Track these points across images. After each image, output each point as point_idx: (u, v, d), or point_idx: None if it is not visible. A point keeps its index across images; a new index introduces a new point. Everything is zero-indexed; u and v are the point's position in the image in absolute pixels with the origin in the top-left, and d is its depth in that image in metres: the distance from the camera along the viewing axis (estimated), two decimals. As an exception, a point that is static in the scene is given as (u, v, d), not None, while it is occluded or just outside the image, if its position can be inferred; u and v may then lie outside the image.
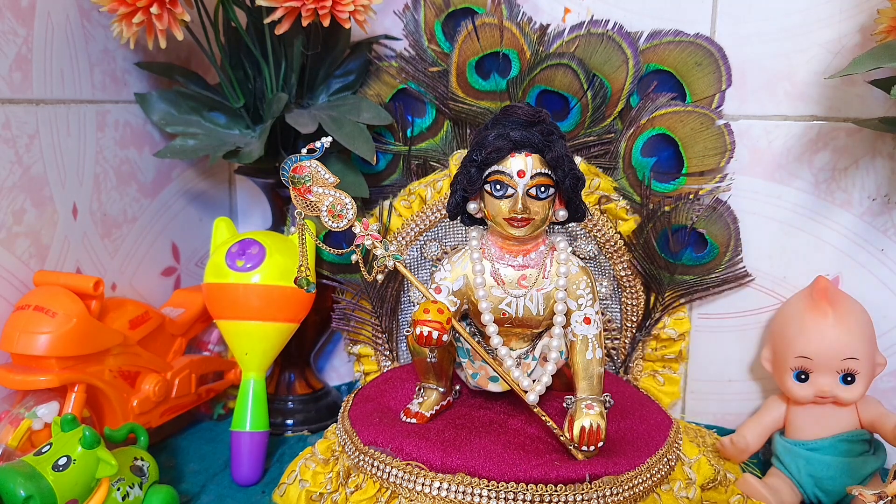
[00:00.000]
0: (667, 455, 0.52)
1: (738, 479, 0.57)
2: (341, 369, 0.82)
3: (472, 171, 0.51)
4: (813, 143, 0.64)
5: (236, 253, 0.62)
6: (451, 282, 0.53)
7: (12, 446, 0.54)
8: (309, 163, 0.49)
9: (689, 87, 0.65)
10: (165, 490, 0.55)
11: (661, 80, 0.65)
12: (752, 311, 0.68)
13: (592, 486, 0.47)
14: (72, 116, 0.65)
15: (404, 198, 0.69)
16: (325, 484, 0.54)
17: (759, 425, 0.61)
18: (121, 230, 0.71)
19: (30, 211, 0.61)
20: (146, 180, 0.74)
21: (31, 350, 0.55)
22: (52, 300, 0.57)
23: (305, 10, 0.59)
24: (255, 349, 0.63)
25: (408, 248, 0.68)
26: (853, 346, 0.56)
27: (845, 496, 0.57)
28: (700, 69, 0.64)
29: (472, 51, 0.65)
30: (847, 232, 0.64)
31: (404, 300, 0.70)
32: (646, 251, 0.66)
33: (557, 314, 0.52)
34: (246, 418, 0.62)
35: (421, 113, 0.70)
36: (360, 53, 0.70)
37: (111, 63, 0.69)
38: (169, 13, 0.59)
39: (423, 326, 0.47)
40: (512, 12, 0.65)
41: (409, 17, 0.68)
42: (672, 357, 0.67)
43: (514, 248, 0.53)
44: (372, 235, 0.50)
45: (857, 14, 0.61)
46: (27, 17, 0.60)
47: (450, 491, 0.48)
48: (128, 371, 0.63)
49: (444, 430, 0.53)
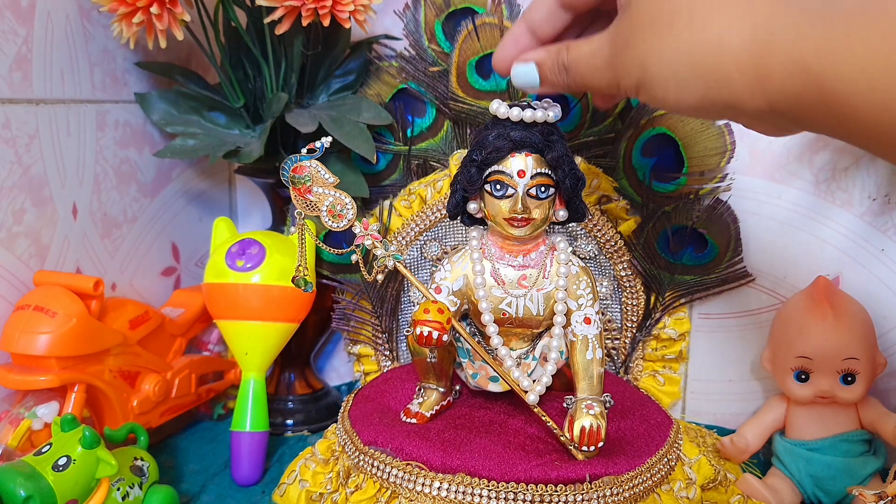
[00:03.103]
0: (667, 455, 0.52)
1: (738, 479, 0.57)
2: (341, 369, 0.82)
3: (472, 171, 0.51)
4: (813, 142, 0.64)
5: (236, 253, 0.63)
6: (451, 282, 0.53)
7: (12, 446, 0.54)
8: (309, 163, 0.49)
9: (689, 86, 0.65)
10: (165, 490, 0.55)
11: (662, 79, 0.65)
12: (752, 311, 0.68)
13: (592, 486, 0.47)
14: (72, 116, 0.65)
15: (404, 198, 0.69)
16: (325, 484, 0.54)
17: (759, 425, 0.61)
18: (121, 230, 0.71)
19: (30, 211, 0.61)
20: (146, 180, 0.74)
21: (31, 350, 0.55)
22: (52, 300, 0.57)
23: (305, 9, 0.59)
24: (255, 349, 0.63)
25: (408, 248, 0.68)
26: (853, 346, 0.56)
27: (845, 496, 0.57)
28: (700, 69, 0.64)
29: (473, 50, 0.65)
30: (847, 232, 0.64)
31: (404, 300, 0.70)
32: (646, 251, 0.66)
33: (557, 314, 0.52)
34: (246, 418, 0.62)
35: (421, 113, 0.70)
36: (360, 53, 0.70)
37: (111, 63, 0.69)
38: (169, 13, 0.59)
39: (423, 326, 0.47)
40: (512, 12, 0.65)
41: (409, 16, 0.68)
42: (672, 357, 0.67)
43: (514, 248, 0.53)
44: (372, 235, 0.50)
45: (858, 14, 0.61)
46: (27, 17, 0.60)
47: (450, 491, 0.48)
48: (128, 371, 0.63)
49: (445, 430, 0.53)
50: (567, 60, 0.43)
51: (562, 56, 0.44)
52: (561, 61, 0.44)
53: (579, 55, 0.43)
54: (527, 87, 0.47)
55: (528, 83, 0.47)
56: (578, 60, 0.43)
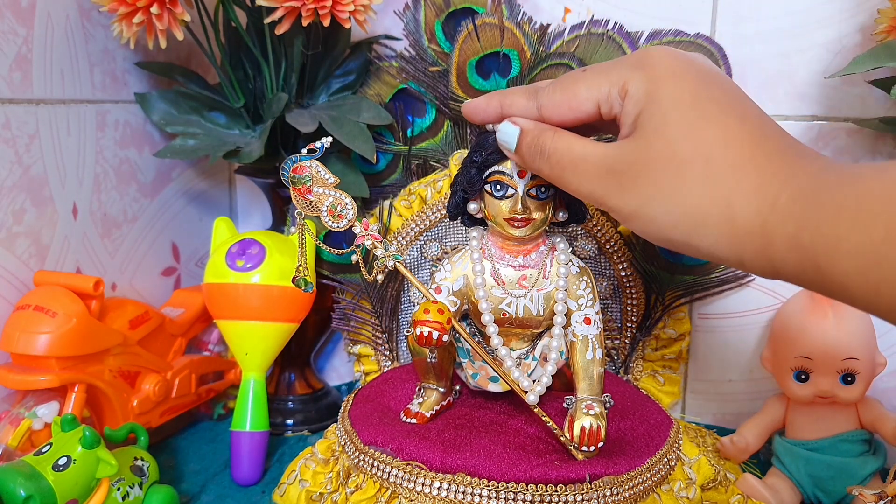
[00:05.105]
0: (667, 455, 0.52)
1: (738, 479, 0.57)
2: (341, 369, 0.82)
3: (472, 172, 0.51)
4: (813, 143, 0.64)
5: (236, 253, 0.63)
6: (451, 282, 0.53)
7: (12, 446, 0.54)
8: (309, 163, 0.49)
9: (689, 87, 0.65)
10: (165, 490, 0.55)
11: (662, 80, 0.65)
12: (752, 311, 0.68)
13: (592, 486, 0.47)
14: (72, 116, 0.65)
15: (404, 198, 0.69)
16: (325, 484, 0.54)
17: (759, 425, 0.61)
18: (121, 230, 0.71)
19: (30, 211, 0.61)
20: (146, 180, 0.74)
21: (31, 350, 0.55)
22: (52, 300, 0.57)
23: (305, 10, 0.59)
24: (255, 349, 0.63)
25: (408, 248, 0.68)
26: (853, 346, 0.56)
27: (845, 496, 0.57)
28: (700, 69, 0.64)
29: (473, 50, 0.65)
30: (847, 232, 0.64)
31: (404, 300, 0.70)
32: (646, 251, 0.66)
33: (557, 314, 0.52)
34: (246, 418, 0.62)
35: (421, 113, 0.70)
36: (360, 53, 0.70)
37: (111, 63, 0.69)
38: (169, 13, 0.59)
39: (423, 327, 0.47)
40: (512, 12, 0.65)
41: (409, 16, 0.68)
42: (672, 357, 0.67)
43: (514, 248, 0.53)
44: (372, 235, 0.50)
45: (857, 14, 0.61)
46: (27, 17, 0.60)
47: (450, 491, 0.48)
48: (128, 371, 0.63)
49: (444, 430, 0.53)
50: (550, 148, 0.41)
51: (545, 138, 0.41)
52: (541, 143, 0.41)
53: (568, 151, 0.40)
54: (504, 147, 0.45)
55: (505, 144, 0.45)
56: (564, 156, 0.40)
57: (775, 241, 0.33)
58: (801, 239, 0.32)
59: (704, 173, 0.35)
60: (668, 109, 0.37)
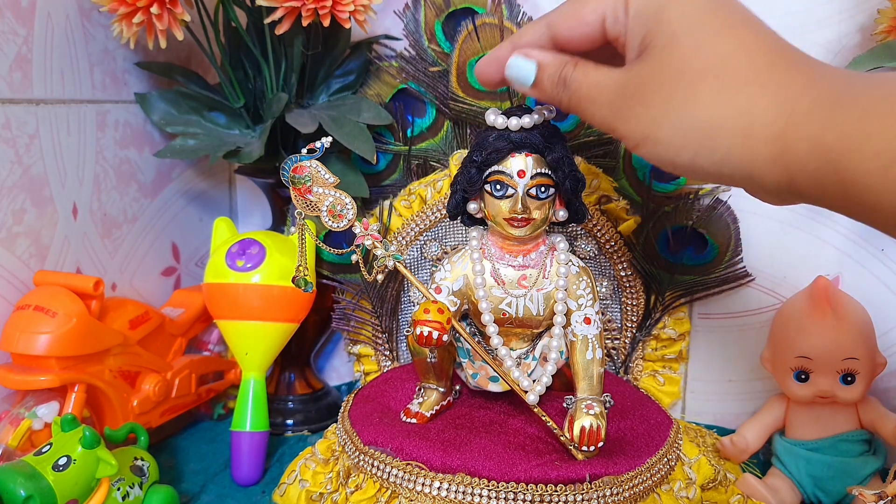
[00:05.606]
0: (667, 455, 0.52)
1: (738, 479, 0.57)
2: (341, 369, 0.82)
3: (472, 172, 0.51)
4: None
5: (236, 253, 0.63)
6: (451, 282, 0.53)
7: (12, 446, 0.54)
8: (309, 163, 0.49)
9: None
10: (165, 490, 0.55)
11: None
12: (752, 311, 0.68)
13: (592, 486, 0.47)
14: (72, 116, 0.65)
15: (404, 198, 0.69)
16: (325, 484, 0.54)
17: (759, 425, 0.61)
18: (121, 230, 0.71)
19: (30, 211, 0.61)
20: (146, 180, 0.74)
21: (31, 350, 0.55)
22: (52, 300, 0.57)
23: (305, 10, 0.59)
24: (255, 349, 0.63)
25: (408, 248, 0.68)
26: (853, 346, 0.56)
27: (845, 496, 0.57)
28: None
29: (473, 50, 0.65)
30: (847, 232, 0.64)
31: (404, 300, 0.70)
32: (646, 251, 0.66)
33: (557, 314, 0.53)
34: (246, 418, 0.62)
35: (421, 113, 0.70)
36: (360, 53, 0.70)
37: (111, 63, 0.69)
38: (169, 13, 0.59)
39: (423, 326, 0.47)
40: (512, 12, 0.65)
41: (409, 16, 0.68)
42: (672, 357, 0.67)
43: (514, 248, 0.53)
44: (372, 235, 0.50)
45: (857, 14, 0.61)
46: (27, 17, 0.60)
47: (450, 491, 0.48)
48: (128, 371, 0.64)
49: (445, 430, 0.53)
50: (570, 77, 0.41)
51: (567, 70, 0.41)
52: (564, 74, 0.41)
53: (585, 79, 0.40)
54: (518, 82, 0.43)
55: (520, 79, 0.43)
56: (582, 84, 0.40)
57: (794, 144, 0.32)
58: (824, 140, 0.31)
59: (718, 85, 0.34)
60: (677, 26, 0.36)
